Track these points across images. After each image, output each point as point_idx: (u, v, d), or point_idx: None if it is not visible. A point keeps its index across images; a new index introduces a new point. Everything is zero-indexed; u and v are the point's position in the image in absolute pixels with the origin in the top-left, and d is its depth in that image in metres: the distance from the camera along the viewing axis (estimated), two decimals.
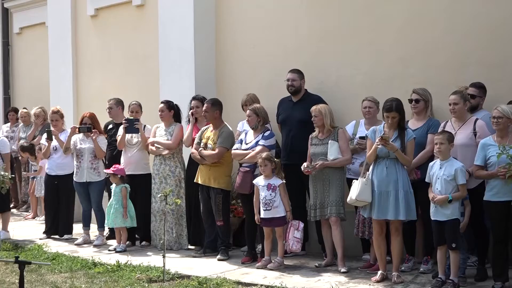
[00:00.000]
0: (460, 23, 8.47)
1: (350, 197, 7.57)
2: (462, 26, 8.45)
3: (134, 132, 9.86)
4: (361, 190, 7.39)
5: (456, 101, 7.61)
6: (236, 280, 7.79)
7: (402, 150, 7.40)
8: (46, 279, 8.05)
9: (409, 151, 7.46)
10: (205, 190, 9.11)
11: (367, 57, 9.06)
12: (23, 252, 9.54)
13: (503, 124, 7.03)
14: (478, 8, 8.36)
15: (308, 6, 9.54)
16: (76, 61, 12.72)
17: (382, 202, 7.41)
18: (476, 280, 7.45)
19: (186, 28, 10.34)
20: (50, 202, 10.83)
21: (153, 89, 10.78)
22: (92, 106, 11.36)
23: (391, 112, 7.43)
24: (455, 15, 8.50)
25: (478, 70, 8.25)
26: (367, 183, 7.41)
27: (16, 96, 15.56)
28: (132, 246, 9.94)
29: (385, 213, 7.43)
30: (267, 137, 8.73)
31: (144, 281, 7.88)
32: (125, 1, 11.74)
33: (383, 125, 7.64)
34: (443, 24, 8.59)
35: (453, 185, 7.05)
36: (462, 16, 8.46)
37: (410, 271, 7.97)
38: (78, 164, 10.21)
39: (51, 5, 13.23)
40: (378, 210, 7.45)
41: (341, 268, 8.07)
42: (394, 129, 7.51)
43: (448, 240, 7.08)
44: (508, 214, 6.91)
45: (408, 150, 7.45)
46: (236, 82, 10.16)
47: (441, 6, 8.60)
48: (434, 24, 8.65)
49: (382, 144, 7.26)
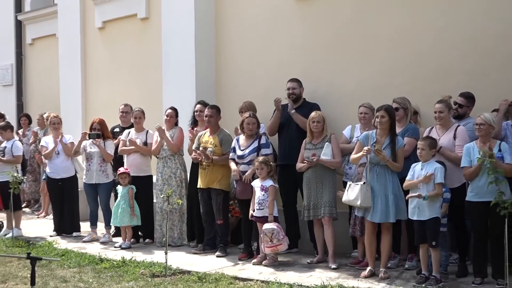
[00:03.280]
0: (445, 36, 8.49)
1: (348, 199, 7.56)
2: (447, 39, 8.47)
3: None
4: (364, 196, 7.39)
5: (441, 109, 7.66)
6: (233, 275, 7.77)
7: (393, 156, 7.42)
8: (56, 274, 8.04)
9: (400, 157, 7.48)
10: (205, 192, 9.09)
11: (357, 67, 9.07)
12: (35, 249, 9.52)
13: (485, 130, 7.06)
14: (462, 22, 8.38)
15: (302, 19, 9.55)
16: (84, 70, 12.73)
17: (374, 205, 7.44)
18: (457, 276, 7.46)
19: (188, 40, 10.34)
20: (56, 203, 10.87)
21: (156, 96, 10.78)
22: (99, 112, 11.36)
23: (380, 111, 7.49)
24: (440, 28, 8.52)
25: (462, 80, 8.25)
26: (368, 190, 7.41)
27: (29, 103, 15.56)
28: (136, 243, 9.93)
29: (376, 215, 7.46)
30: (266, 145, 8.74)
31: (148, 276, 7.86)
32: (130, 14, 11.75)
33: (375, 132, 7.64)
34: (429, 36, 8.60)
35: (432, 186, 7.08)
36: (447, 30, 8.47)
37: (395, 267, 7.97)
38: (88, 167, 10.23)
39: (61, 18, 13.24)
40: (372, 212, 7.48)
41: (331, 265, 8.06)
42: (386, 136, 7.52)
43: (429, 239, 7.10)
44: (487, 213, 6.91)
45: (399, 156, 7.48)
46: (234, 91, 10.16)
47: (428, 20, 8.62)
48: (420, 37, 8.66)
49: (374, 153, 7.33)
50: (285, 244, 8.29)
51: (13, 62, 15.63)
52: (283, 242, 8.23)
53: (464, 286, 7.03)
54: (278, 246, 8.23)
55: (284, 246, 8.30)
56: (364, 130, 8.16)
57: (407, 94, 8.14)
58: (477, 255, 7.21)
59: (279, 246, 8.24)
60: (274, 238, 8.18)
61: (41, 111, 13.52)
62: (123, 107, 10.64)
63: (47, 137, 11.01)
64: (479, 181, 6.98)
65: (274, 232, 8.17)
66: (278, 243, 8.20)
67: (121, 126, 10.62)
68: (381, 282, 7.29)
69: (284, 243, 8.27)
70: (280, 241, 8.19)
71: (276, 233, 8.17)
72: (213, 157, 8.93)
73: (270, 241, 8.19)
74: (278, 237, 8.18)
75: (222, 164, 8.99)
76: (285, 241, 8.27)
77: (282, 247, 8.27)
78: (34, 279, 4.89)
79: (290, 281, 7.44)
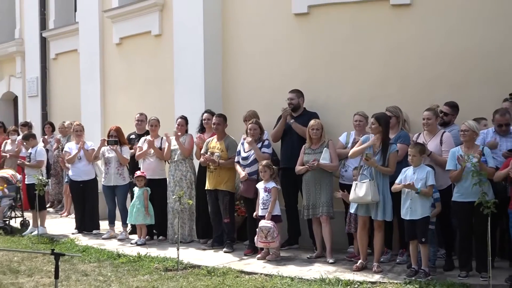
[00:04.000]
0: (431, 52, 8.55)
1: (358, 196, 7.42)
2: (433, 55, 8.54)
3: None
4: (373, 192, 7.31)
5: (429, 116, 7.68)
6: (239, 269, 7.77)
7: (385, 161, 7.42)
8: (77, 268, 8.04)
9: (391, 161, 7.47)
10: (213, 193, 9.09)
11: (352, 80, 9.07)
12: (58, 245, 9.51)
13: (469, 136, 7.09)
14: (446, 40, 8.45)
15: (301, 37, 9.53)
16: (103, 82, 12.70)
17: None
18: (444, 270, 7.46)
19: (197, 55, 10.32)
20: (78, 203, 10.87)
21: (168, 106, 10.75)
22: (116, 121, 11.34)
23: (372, 118, 7.53)
24: (426, 44, 8.58)
25: (446, 91, 8.31)
26: (375, 185, 7.35)
27: (52, 112, 15.53)
28: (151, 240, 9.90)
29: (368, 212, 7.47)
30: (267, 146, 8.81)
31: (161, 270, 7.86)
32: (145, 32, 11.73)
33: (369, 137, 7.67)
34: (416, 52, 8.65)
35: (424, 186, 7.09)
36: (432, 46, 8.54)
37: (388, 262, 7.96)
38: (107, 170, 10.23)
39: (82, 35, 13.24)
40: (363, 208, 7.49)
41: (329, 259, 8.06)
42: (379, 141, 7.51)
43: (419, 236, 7.10)
44: (472, 212, 6.91)
45: (390, 161, 7.46)
46: (239, 101, 10.13)
47: (414, 37, 8.67)
48: (408, 52, 8.69)
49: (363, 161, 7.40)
50: (276, 242, 8.26)
51: (38, 75, 15.62)
52: (275, 241, 8.22)
53: (450, 279, 7.00)
54: (271, 243, 8.22)
55: (276, 244, 8.26)
56: (359, 137, 8.16)
57: (397, 103, 8.16)
58: (462, 251, 7.21)
59: (271, 244, 8.22)
60: (269, 236, 8.17)
61: (63, 120, 13.54)
62: (139, 116, 10.64)
63: (71, 143, 11.02)
64: (464, 183, 7.00)
65: (270, 230, 8.17)
66: (271, 241, 8.20)
67: (137, 133, 10.63)
68: (375, 275, 7.28)
69: (276, 242, 8.24)
70: (273, 239, 8.19)
71: (272, 232, 8.17)
72: (219, 161, 8.94)
73: (265, 237, 8.19)
74: (272, 235, 8.17)
75: (228, 167, 8.99)
76: (277, 239, 8.25)
77: (274, 244, 8.24)
78: (58, 272, 4.91)
79: (291, 274, 7.44)
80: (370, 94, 8.83)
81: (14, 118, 17.40)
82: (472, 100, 8.14)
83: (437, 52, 8.48)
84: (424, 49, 8.57)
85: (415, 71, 8.61)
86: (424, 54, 8.57)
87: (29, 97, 16.08)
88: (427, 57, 8.54)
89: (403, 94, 8.57)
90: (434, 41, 8.51)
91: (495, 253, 7.35)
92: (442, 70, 8.43)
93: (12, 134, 13.58)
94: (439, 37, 8.48)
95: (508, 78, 8.05)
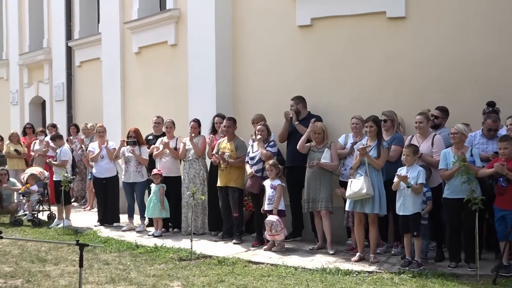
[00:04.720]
0: (423, 60, 8.51)
1: (353, 191, 7.38)
2: (425, 62, 8.49)
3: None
4: (368, 185, 7.27)
5: (421, 120, 7.65)
6: (247, 259, 7.77)
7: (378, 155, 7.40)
8: (99, 258, 8.05)
9: (382, 156, 7.47)
10: (223, 190, 9.09)
11: (351, 86, 9.04)
12: (82, 236, 9.52)
13: (458, 138, 7.09)
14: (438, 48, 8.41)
15: (305, 46, 9.50)
16: (123, 88, 12.71)
17: (360, 199, 7.41)
18: (435, 261, 7.44)
19: (209, 63, 10.30)
20: (100, 198, 10.86)
21: (183, 110, 10.75)
22: (135, 123, 11.33)
23: (369, 122, 7.51)
24: (420, 53, 8.55)
25: (438, 96, 8.28)
26: (369, 180, 7.31)
27: (77, 115, 15.56)
28: (166, 232, 9.89)
29: (363, 208, 7.43)
30: (272, 145, 8.81)
31: (176, 260, 7.87)
32: (162, 41, 11.73)
33: (366, 139, 7.64)
34: (411, 60, 8.61)
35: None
36: (425, 55, 8.50)
37: (383, 253, 7.95)
38: (126, 168, 10.22)
39: (104, 44, 13.27)
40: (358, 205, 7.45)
41: (329, 251, 8.06)
42: (374, 140, 7.51)
43: (412, 230, 7.09)
44: (461, 208, 6.89)
45: (382, 156, 7.46)
46: (248, 105, 10.10)
47: (409, 47, 8.63)
48: (403, 61, 8.66)
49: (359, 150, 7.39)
50: (281, 235, 8.25)
51: (64, 81, 15.65)
52: (280, 233, 8.21)
53: (441, 269, 6.99)
54: (276, 236, 8.23)
55: (281, 236, 8.26)
56: (356, 138, 8.15)
57: (392, 108, 8.13)
58: (452, 243, 7.21)
59: (276, 236, 8.24)
60: (273, 229, 8.18)
61: (86, 122, 13.56)
62: (156, 118, 10.64)
63: (94, 143, 11.03)
64: (454, 181, 6.98)
65: (274, 224, 8.17)
66: (276, 234, 8.21)
67: (154, 134, 10.62)
68: (372, 266, 7.27)
69: (281, 234, 8.24)
70: (278, 232, 8.19)
71: (275, 225, 8.17)
72: (229, 160, 8.93)
73: (270, 231, 8.20)
74: (276, 228, 8.17)
75: (237, 166, 8.99)
76: (282, 232, 8.25)
77: (279, 237, 8.25)
78: (82, 262, 4.92)
79: (295, 264, 7.44)
80: (367, 99, 8.81)
81: (42, 121, 17.45)
82: (462, 105, 8.11)
83: (429, 60, 8.46)
84: (417, 58, 8.55)
85: (409, 78, 8.59)
86: (417, 62, 8.55)
87: (56, 101, 16.12)
88: (420, 65, 8.52)
89: (398, 99, 8.54)
90: (427, 50, 8.48)
91: (482, 246, 7.32)
92: (434, 77, 8.40)
93: (40, 135, 13.65)
94: (431, 47, 8.46)
95: (495, 85, 8.03)
